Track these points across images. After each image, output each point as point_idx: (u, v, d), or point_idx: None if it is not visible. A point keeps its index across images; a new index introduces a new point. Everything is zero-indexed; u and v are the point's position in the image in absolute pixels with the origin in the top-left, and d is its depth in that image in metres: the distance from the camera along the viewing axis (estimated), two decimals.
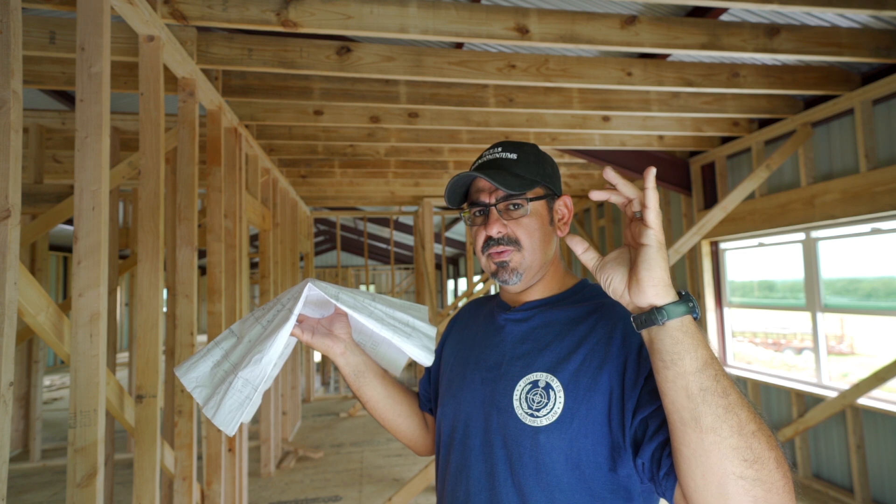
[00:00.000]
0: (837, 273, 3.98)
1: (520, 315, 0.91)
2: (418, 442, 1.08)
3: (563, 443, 0.77)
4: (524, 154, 0.91)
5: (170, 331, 3.28)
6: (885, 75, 3.28)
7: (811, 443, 3.98)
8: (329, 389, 8.08)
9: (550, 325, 0.87)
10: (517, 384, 0.83)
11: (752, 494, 0.56)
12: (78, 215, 1.59)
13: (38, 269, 5.01)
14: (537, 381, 0.81)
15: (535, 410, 0.79)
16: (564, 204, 0.92)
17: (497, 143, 0.94)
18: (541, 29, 2.52)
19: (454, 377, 0.96)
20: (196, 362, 0.86)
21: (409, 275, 14.61)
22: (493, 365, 0.89)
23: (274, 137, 4.21)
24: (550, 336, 0.86)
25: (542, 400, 0.79)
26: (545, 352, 0.84)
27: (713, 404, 0.57)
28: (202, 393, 0.84)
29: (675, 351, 0.59)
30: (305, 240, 7.13)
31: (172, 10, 2.23)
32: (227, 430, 0.80)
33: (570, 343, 0.83)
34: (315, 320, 0.94)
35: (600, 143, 4.51)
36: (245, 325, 0.89)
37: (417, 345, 0.89)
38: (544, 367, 0.82)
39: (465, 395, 0.90)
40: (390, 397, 1.02)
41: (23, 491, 4.21)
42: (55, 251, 11.24)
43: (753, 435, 0.57)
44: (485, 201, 0.89)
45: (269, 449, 4.45)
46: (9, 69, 1.31)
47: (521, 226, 0.87)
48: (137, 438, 2.04)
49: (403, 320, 0.91)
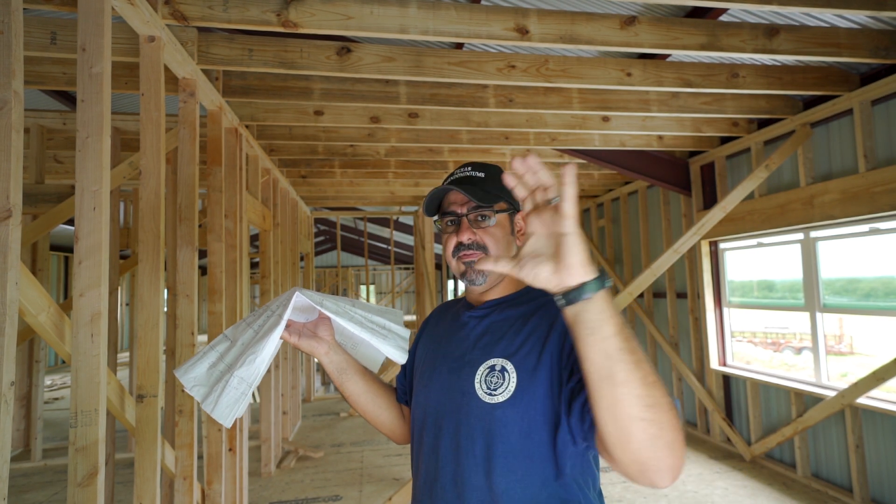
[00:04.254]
0: (836, 273, 3.99)
1: (481, 312, 1.05)
2: (396, 431, 1.22)
3: (516, 415, 0.90)
4: (490, 174, 1.06)
5: (170, 331, 3.28)
6: (884, 76, 3.28)
7: (810, 442, 3.99)
8: (329, 389, 8.09)
9: (506, 320, 1.01)
10: (478, 369, 0.97)
11: (650, 433, 0.67)
12: (79, 215, 1.59)
13: (39, 269, 5.02)
14: (494, 365, 0.95)
15: (493, 390, 0.93)
16: (522, 218, 1.00)
17: (467, 163, 1.10)
18: (541, 29, 2.53)
19: (425, 370, 1.09)
20: (193, 364, 0.96)
21: (409, 275, 14.62)
22: (458, 356, 1.02)
23: (274, 138, 4.22)
24: (505, 328, 1.00)
25: (499, 381, 0.93)
26: (501, 341, 0.98)
27: (626, 361, 0.67)
28: (200, 391, 0.93)
29: (599, 319, 0.67)
30: (306, 240, 7.14)
31: (173, 10, 2.24)
32: (226, 422, 0.90)
33: (520, 333, 0.97)
34: (301, 324, 1.06)
35: (600, 143, 4.52)
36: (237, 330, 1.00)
37: (392, 345, 1.02)
38: (500, 354, 0.96)
39: (434, 385, 1.04)
40: (370, 391, 1.15)
41: (24, 490, 4.22)
42: (56, 251, 11.25)
43: (653, 384, 0.67)
44: (457, 212, 1.04)
45: (269, 448, 4.45)
46: (10, 69, 1.31)
47: (487, 233, 1.02)
48: (138, 438, 2.04)
49: (380, 323, 1.04)
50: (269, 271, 4.56)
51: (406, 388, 1.22)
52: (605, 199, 7.01)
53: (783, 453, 4.26)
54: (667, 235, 5.54)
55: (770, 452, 4.37)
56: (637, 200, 6.24)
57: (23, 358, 5.11)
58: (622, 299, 3.86)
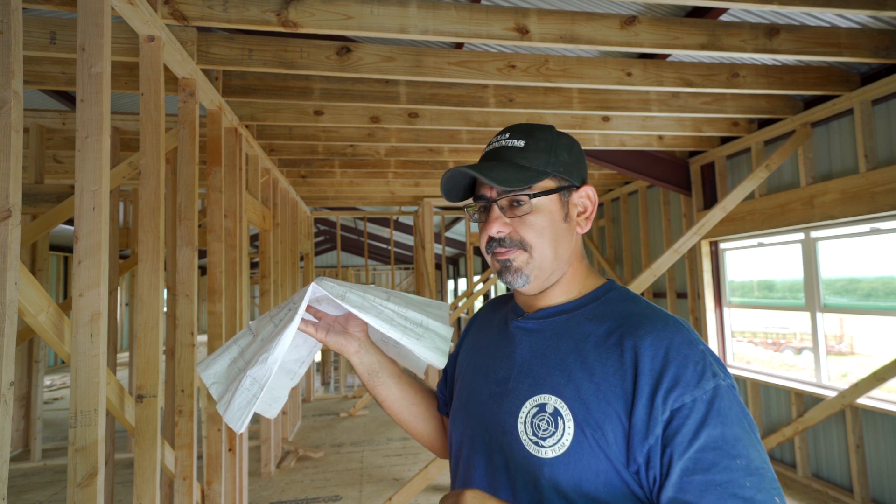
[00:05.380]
0: (837, 273, 3.98)
1: (532, 324, 0.82)
2: (436, 444, 1.03)
3: (570, 478, 0.69)
4: (534, 140, 0.80)
5: (170, 331, 3.28)
6: (884, 75, 3.28)
7: (810, 442, 3.99)
8: (329, 389, 8.09)
9: (565, 339, 0.77)
10: (523, 405, 0.75)
11: None
12: (78, 215, 1.59)
13: (38, 269, 5.01)
14: (545, 404, 0.73)
15: (541, 439, 0.71)
16: (587, 195, 0.82)
17: (507, 127, 0.84)
18: (541, 29, 2.53)
19: (465, 385, 0.90)
20: (215, 359, 0.88)
21: (409, 275, 14.61)
22: (501, 378, 0.81)
23: (274, 137, 4.22)
24: (563, 351, 0.76)
25: (550, 428, 0.71)
26: (556, 370, 0.75)
27: None
28: (218, 389, 0.86)
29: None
30: (305, 240, 7.14)
31: (173, 10, 2.23)
32: (236, 427, 0.81)
33: (585, 362, 0.73)
34: (332, 318, 0.92)
35: (600, 143, 4.52)
36: (261, 323, 0.90)
37: (429, 346, 0.86)
38: (553, 389, 0.73)
39: (472, 408, 0.84)
40: (406, 398, 0.97)
41: (24, 490, 4.22)
42: (56, 251, 11.24)
43: None
44: (486, 195, 0.81)
45: (269, 448, 4.45)
46: (9, 69, 1.31)
47: (525, 224, 0.78)
48: (138, 438, 2.04)
49: (416, 320, 0.88)
50: (269, 271, 4.55)
51: (447, 399, 1.02)
52: (605, 199, 7.00)
53: (783, 453, 4.26)
54: (667, 235, 5.54)
55: (770, 452, 4.37)
56: (637, 200, 6.24)
57: (22, 358, 5.10)
58: None
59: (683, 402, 0.65)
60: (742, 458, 0.62)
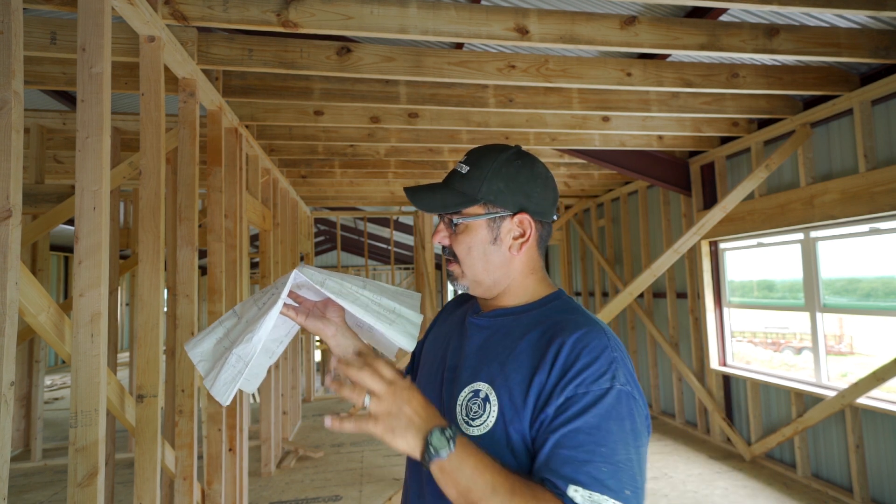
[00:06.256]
0: (836, 273, 3.99)
1: (483, 322, 0.93)
2: None
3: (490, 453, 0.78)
4: (476, 168, 0.89)
5: (170, 331, 3.28)
6: (883, 76, 3.28)
7: (810, 442, 3.99)
8: (329, 389, 8.09)
9: (507, 336, 0.87)
10: (463, 390, 0.86)
11: None
12: (79, 215, 1.59)
13: (39, 269, 5.02)
14: (479, 390, 0.84)
15: (472, 420, 0.82)
16: (520, 222, 0.89)
17: (470, 150, 0.95)
18: (541, 29, 2.53)
19: (426, 371, 1.01)
20: (202, 338, 0.95)
21: (409, 275, 14.61)
22: (451, 366, 0.93)
23: (274, 138, 4.22)
24: (501, 347, 0.86)
25: (479, 410, 0.82)
26: (492, 363, 0.85)
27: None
28: (205, 366, 0.92)
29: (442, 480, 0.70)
30: (305, 240, 7.14)
31: (173, 10, 2.24)
32: (222, 400, 0.88)
33: (517, 359, 0.83)
34: (312, 303, 1.00)
35: (600, 143, 4.52)
36: (245, 306, 0.97)
37: (400, 331, 0.93)
38: (487, 378, 0.84)
39: (429, 391, 0.95)
40: None
41: (24, 490, 4.22)
42: (56, 251, 11.25)
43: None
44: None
45: (269, 448, 4.45)
46: (10, 69, 1.31)
47: (457, 241, 0.90)
48: (138, 438, 2.04)
49: (389, 307, 0.96)
50: (269, 271, 4.56)
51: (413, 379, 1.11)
52: (605, 199, 7.01)
53: (783, 453, 4.26)
54: (667, 235, 5.54)
55: (770, 452, 4.37)
56: (637, 200, 6.24)
57: (23, 358, 5.11)
58: (623, 299, 3.86)
59: (577, 391, 0.75)
60: (608, 448, 0.71)
